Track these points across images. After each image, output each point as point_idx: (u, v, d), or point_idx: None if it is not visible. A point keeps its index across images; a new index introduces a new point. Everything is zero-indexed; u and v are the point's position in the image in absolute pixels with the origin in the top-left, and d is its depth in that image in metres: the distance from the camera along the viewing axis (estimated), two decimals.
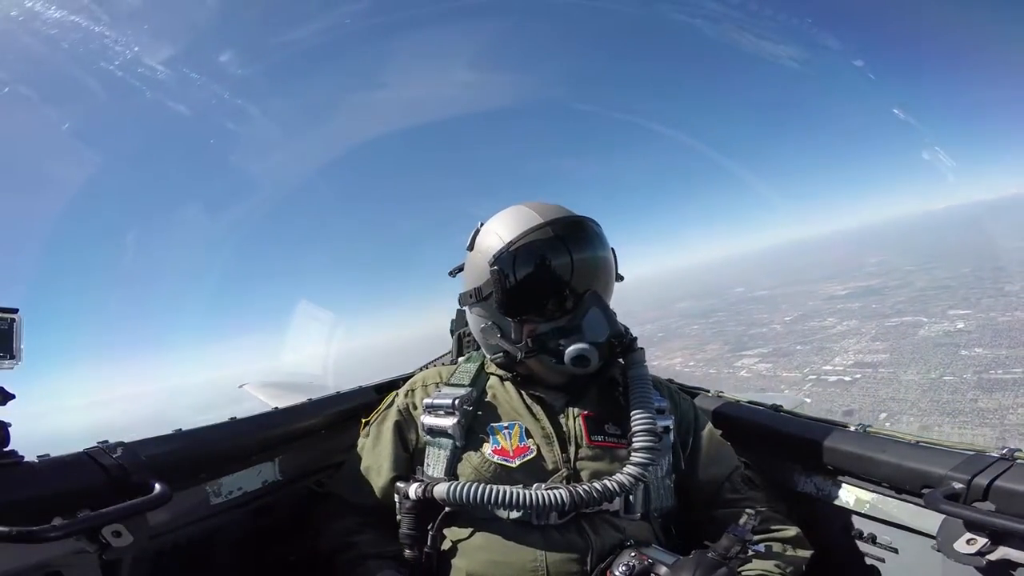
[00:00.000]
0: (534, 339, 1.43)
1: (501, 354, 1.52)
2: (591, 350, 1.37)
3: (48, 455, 1.18)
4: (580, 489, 1.26)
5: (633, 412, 1.35)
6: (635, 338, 1.48)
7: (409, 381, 1.66)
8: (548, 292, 1.42)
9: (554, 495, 1.25)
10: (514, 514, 1.31)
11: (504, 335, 1.48)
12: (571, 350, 1.37)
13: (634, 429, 1.33)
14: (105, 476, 1.20)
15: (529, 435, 1.42)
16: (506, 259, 1.42)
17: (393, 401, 1.61)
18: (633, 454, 1.30)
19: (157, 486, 1.22)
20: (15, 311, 1.10)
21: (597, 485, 1.26)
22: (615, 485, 1.26)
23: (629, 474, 1.27)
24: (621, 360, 1.49)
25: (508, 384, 1.55)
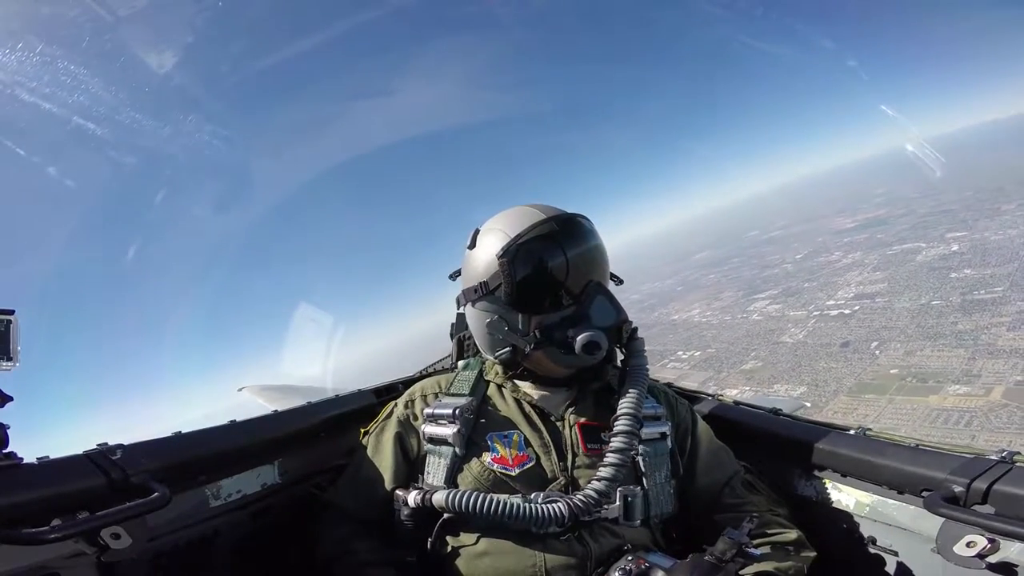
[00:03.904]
0: (542, 330, 1.45)
1: (508, 349, 1.50)
2: (600, 335, 1.39)
3: (48, 457, 1.18)
4: (577, 499, 1.27)
5: (623, 399, 1.39)
6: (636, 327, 1.52)
7: (408, 391, 1.65)
8: (555, 282, 1.44)
9: (553, 509, 1.26)
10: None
11: (511, 328, 1.49)
12: (581, 337, 1.38)
13: (619, 411, 1.38)
14: (104, 478, 1.20)
15: (528, 444, 1.44)
16: (514, 252, 1.44)
17: (392, 411, 1.61)
18: (612, 440, 1.34)
19: (156, 488, 1.22)
20: (11, 312, 1.10)
21: (590, 491, 1.28)
22: (601, 484, 1.29)
23: (610, 463, 1.31)
24: (623, 349, 1.53)
25: (507, 392, 1.56)
